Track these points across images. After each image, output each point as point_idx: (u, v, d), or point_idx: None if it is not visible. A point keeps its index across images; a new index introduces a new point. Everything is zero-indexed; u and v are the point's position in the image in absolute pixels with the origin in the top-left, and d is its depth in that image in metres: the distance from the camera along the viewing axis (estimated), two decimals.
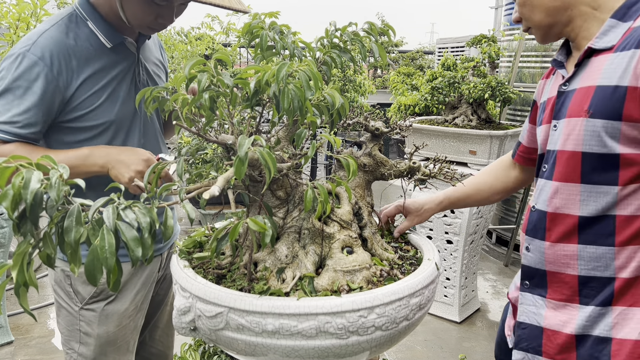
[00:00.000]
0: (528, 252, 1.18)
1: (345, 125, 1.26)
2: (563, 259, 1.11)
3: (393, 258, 1.16)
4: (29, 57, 1.25)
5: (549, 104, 1.19)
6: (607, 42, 1.05)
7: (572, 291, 1.11)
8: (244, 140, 0.78)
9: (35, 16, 2.35)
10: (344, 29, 1.17)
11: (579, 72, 1.11)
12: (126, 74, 1.43)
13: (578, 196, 1.07)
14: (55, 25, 1.32)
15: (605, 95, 1.01)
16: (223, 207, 1.15)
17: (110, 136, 1.41)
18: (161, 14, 1.33)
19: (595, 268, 1.08)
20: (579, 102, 1.06)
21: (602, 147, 1.03)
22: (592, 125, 1.03)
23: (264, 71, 0.90)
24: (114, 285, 0.63)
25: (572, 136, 1.06)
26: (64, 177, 0.62)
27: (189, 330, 0.99)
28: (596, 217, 1.06)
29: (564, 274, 1.11)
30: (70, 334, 1.48)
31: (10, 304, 3.23)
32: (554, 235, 1.11)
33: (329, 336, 0.91)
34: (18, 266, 0.61)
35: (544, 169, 1.16)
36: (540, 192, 1.15)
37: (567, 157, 1.08)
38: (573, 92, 1.10)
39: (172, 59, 4.10)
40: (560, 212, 1.10)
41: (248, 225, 0.82)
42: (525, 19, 1.17)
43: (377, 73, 7.97)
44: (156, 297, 1.69)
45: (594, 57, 1.08)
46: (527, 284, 1.19)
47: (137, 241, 0.63)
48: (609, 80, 1.02)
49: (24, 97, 1.25)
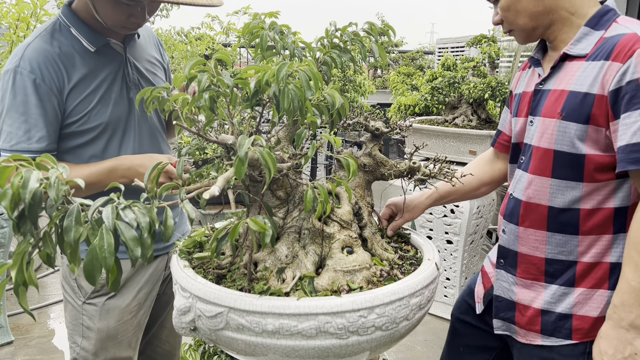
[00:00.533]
0: (504, 234, 1.32)
1: (345, 125, 1.26)
2: (533, 243, 1.24)
3: (393, 258, 1.16)
4: (20, 72, 1.29)
5: (525, 98, 1.30)
6: (581, 50, 1.16)
7: (538, 271, 1.25)
8: (244, 140, 0.78)
9: (35, 16, 2.35)
10: (344, 29, 1.17)
11: (554, 73, 1.22)
12: (116, 76, 1.45)
13: (548, 189, 1.20)
14: (39, 37, 1.35)
15: (576, 100, 1.13)
16: (223, 207, 1.15)
17: (107, 138, 1.44)
18: (132, 13, 1.34)
19: (560, 252, 1.22)
20: (553, 104, 1.18)
21: (571, 147, 1.14)
22: (564, 127, 1.14)
23: (264, 71, 0.90)
24: (113, 285, 0.63)
25: (546, 135, 1.18)
26: (63, 176, 0.62)
27: (189, 330, 0.99)
28: (563, 209, 1.19)
29: (533, 256, 1.25)
30: (74, 328, 1.51)
31: (10, 304, 3.23)
32: (526, 222, 1.25)
33: (329, 336, 0.91)
34: (17, 265, 0.61)
35: (521, 160, 1.28)
36: (518, 181, 1.28)
37: (542, 154, 1.20)
38: (548, 92, 1.21)
39: (172, 59, 4.10)
40: (533, 202, 1.23)
41: (248, 225, 0.82)
42: (508, 23, 1.24)
43: (377, 73, 7.97)
44: (163, 296, 1.69)
45: (568, 62, 1.19)
46: (502, 262, 1.33)
47: (136, 241, 0.63)
48: (580, 87, 1.13)
49: (27, 113, 1.29)
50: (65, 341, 2.54)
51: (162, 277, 1.64)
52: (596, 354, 1.13)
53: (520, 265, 1.28)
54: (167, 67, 1.69)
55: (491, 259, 1.41)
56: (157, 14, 4.69)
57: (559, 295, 1.22)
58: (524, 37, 1.26)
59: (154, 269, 1.59)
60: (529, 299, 1.26)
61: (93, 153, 1.43)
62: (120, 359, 1.53)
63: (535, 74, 1.29)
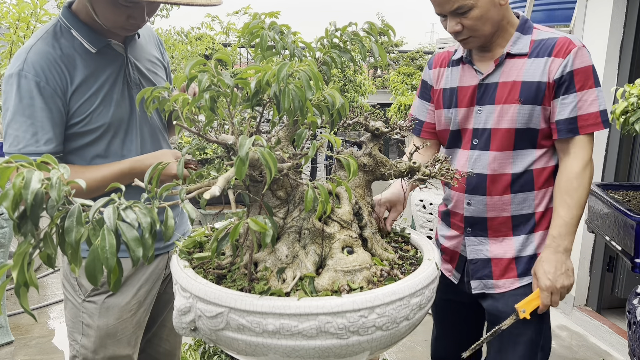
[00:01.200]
0: (470, 206, 1.56)
1: (345, 125, 1.26)
2: (501, 207, 1.53)
3: (393, 258, 1.16)
4: (24, 76, 1.30)
5: (463, 92, 1.55)
6: (520, 49, 1.47)
7: (507, 228, 1.55)
8: (244, 140, 0.78)
9: (35, 16, 2.35)
10: (344, 29, 1.17)
11: (497, 69, 1.49)
12: (117, 76, 1.45)
13: (510, 160, 1.50)
14: (40, 39, 1.36)
15: (531, 88, 1.45)
16: (223, 207, 1.15)
17: (110, 138, 1.45)
18: (132, 14, 1.35)
19: (522, 208, 1.53)
20: (509, 93, 1.47)
21: (529, 124, 1.47)
22: (523, 109, 1.46)
23: (265, 71, 0.90)
24: (114, 285, 0.63)
25: (507, 117, 1.47)
26: (64, 177, 0.62)
27: (189, 331, 0.99)
28: (522, 173, 1.50)
29: (501, 217, 1.54)
30: (73, 326, 1.52)
31: (10, 304, 3.23)
32: (494, 191, 1.52)
33: (329, 336, 0.91)
34: (19, 266, 0.61)
35: (475, 143, 1.54)
36: (476, 160, 1.53)
37: (503, 133, 1.48)
38: (496, 84, 1.49)
39: (172, 59, 4.10)
40: (498, 173, 1.51)
41: (249, 225, 0.82)
42: (474, 30, 1.44)
43: (377, 73, 7.96)
44: (163, 295, 1.69)
45: (508, 59, 1.48)
46: (470, 230, 1.58)
47: (138, 241, 0.63)
48: (532, 77, 1.45)
49: (33, 116, 1.30)
50: (65, 341, 2.54)
51: (162, 276, 1.64)
52: (541, 273, 1.43)
53: (490, 227, 1.55)
54: (167, 66, 1.69)
55: (446, 235, 1.67)
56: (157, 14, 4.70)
57: (525, 242, 1.54)
58: (480, 43, 1.49)
59: (154, 267, 1.59)
60: (502, 252, 1.55)
61: (96, 153, 1.44)
62: (119, 356, 1.53)
63: (468, 71, 1.55)
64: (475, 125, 1.53)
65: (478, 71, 1.53)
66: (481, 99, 1.52)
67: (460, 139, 1.59)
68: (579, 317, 3.28)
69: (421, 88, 1.73)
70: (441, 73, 1.64)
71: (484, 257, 1.57)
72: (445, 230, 1.68)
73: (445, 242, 1.67)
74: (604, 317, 3.21)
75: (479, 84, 1.51)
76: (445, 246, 1.67)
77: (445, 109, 1.61)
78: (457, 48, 1.62)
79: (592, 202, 1.95)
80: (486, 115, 1.51)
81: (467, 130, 1.56)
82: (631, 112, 1.70)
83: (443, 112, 1.62)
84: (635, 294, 1.79)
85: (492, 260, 1.56)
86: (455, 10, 1.41)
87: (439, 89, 1.64)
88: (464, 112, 1.56)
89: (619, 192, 1.96)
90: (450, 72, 1.60)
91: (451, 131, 1.60)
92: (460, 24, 1.43)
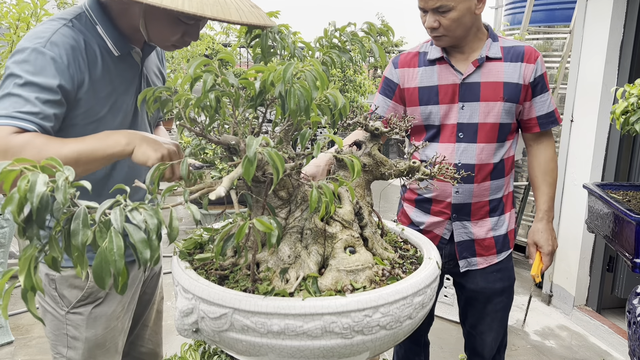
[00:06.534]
0: (458, 194, 1.76)
1: (345, 125, 1.26)
2: (482, 193, 1.77)
3: (394, 257, 1.16)
4: (46, 54, 1.18)
5: (444, 90, 1.71)
6: (494, 54, 1.70)
7: (485, 212, 1.80)
8: (252, 140, 0.78)
9: (35, 16, 2.35)
10: (343, 29, 1.17)
11: (477, 70, 1.69)
12: (129, 86, 1.38)
13: (493, 151, 1.74)
14: (66, 25, 1.25)
15: (511, 88, 1.69)
16: (226, 208, 1.15)
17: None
18: (188, 31, 1.28)
19: (496, 193, 1.79)
20: (493, 91, 1.68)
21: (509, 119, 1.72)
22: (506, 107, 1.70)
23: (269, 71, 0.90)
24: (121, 288, 0.63)
25: (492, 113, 1.70)
26: (69, 179, 0.62)
27: (192, 332, 0.99)
28: (499, 162, 1.76)
29: (481, 201, 1.78)
30: (57, 339, 1.46)
31: (11, 304, 3.23)
32: (479, 179, 1.74)
33: (334, 336, 0.91)
34: (25, 271, 0.60)
35: (460, 136, 1.73)
36: (463, 151, 1.73)
37: (489, 127, 1.71)
38: (478, 84, 1.69)
39: (172, 59, 4.09)
40: (483, 162, 1.73)
41: (254, 225, 0.82)
42: (447, 30, 1.60)
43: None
44: (144, 295, 1.67)
45: (487, 62, 1.69)
46: (455, 216, 1.79)
47: (145, 243, 0.63)
48: (511, 79, 1.69)
49: (43, 92, 1.17)
50: None
51: (142, 278, 1.61)
52: (543, 241, 1.78)
53: (473, 212, 1.79)
54: (164, 78, 1.64)
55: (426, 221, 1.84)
56: None
57: (499, 222, 1.82)
58: (451, 42, 1.65)
59: (136, 270, 1.55)
60: (483, 232, 1.81)
61: None
62: None
63: (446, 70, 1.71)
64: (460, 120, 1.72)
65: (458, 71, 1.70)
66: (464, 96, 1.70)
67: (439, 133, 1.76)
68: (579, 317, 3.29)
69: (384, 85, 1.85)
70: (411, 73, 1.78)
71: (468, 238, 1.81)
72: (423, 216, 1.85)
73: (423, 227, 1.86)
74: (604, 317, 3.22)
75: (461, 83, 1.69)
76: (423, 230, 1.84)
77: (422, 105, 1.75)
78: (425, 50, 1.77)
79: (592, 202, 1.96)
80: (471, 111, 1.70)
81: (449, 125, 1.73)
82: (631, 112, 1.71)
83: (419, 109, 1.76)
84: (635, 294, 1.80)
85: (475, 240, 1.81)
86: (436, 8, 1.56)
87: (410, 87, 1.77)
88: (445, 108, 1.72)
89: (619, 192, 1.96)
90: (424, 71, 1.75)
91: (427, 126, 1.78)
92: (438, 21, 1.59)
